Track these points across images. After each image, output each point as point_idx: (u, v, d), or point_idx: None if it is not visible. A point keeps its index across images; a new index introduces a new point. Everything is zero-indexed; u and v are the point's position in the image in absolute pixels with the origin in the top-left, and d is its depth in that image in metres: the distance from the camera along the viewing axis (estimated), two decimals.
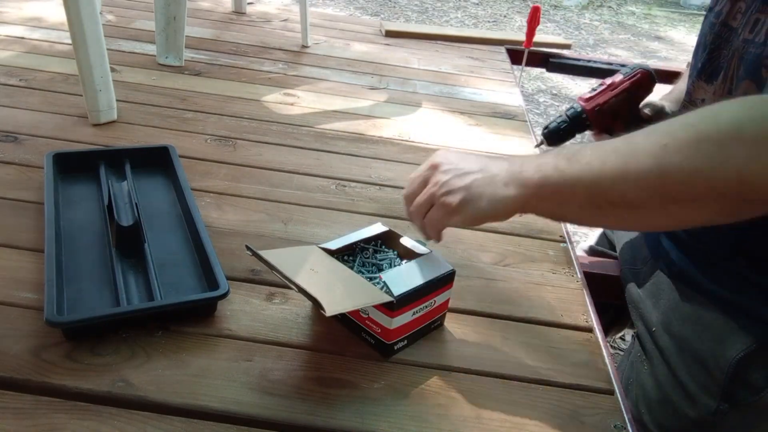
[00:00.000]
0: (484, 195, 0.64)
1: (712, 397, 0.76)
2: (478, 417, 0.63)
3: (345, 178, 1.07)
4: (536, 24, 1.65)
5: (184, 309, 0.69)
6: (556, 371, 0.70)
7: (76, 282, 0.72)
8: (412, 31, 2.07)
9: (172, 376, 0.62)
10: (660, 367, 0.82)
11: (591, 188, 0.59)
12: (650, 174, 0.55)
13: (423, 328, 0.71)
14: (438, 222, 0.67)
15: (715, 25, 0.80)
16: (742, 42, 0.74)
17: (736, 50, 0.75)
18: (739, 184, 0.52)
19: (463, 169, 0.65)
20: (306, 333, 0.71)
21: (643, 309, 0.88)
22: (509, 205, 0.64)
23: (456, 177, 0.65)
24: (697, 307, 0.79)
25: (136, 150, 0.99)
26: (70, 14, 1.05)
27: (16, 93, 1.23)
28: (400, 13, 4.90)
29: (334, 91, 1.48)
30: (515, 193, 0.63)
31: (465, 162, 0.66)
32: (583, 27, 5.18)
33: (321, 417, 0.60)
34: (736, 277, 0.76)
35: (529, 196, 0.63)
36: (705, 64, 0.82)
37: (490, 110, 1.48)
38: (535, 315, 0.79)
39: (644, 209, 0.58)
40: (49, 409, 0.57)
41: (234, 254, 0.82)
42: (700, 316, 0.79)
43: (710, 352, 0.76)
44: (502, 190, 0.63)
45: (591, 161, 0.59)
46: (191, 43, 1.62)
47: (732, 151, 0.52)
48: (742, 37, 0.74)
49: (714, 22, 0.81)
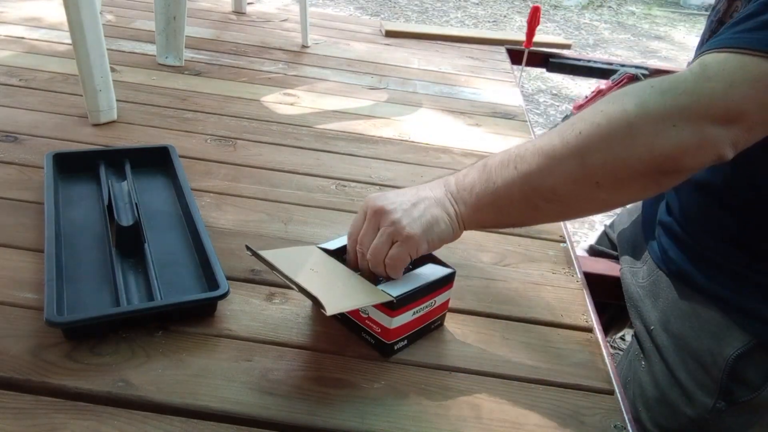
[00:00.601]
0: (439, 217, 0.65)
1: (710, 395, 0.76)
2: (477, 417, 0.63)
3: (345, 178, 1.07)
4: (536, 24, 1.65)
5: (184, 309, 0.69)
6: (556, 371, 0.70)
7: (76, 282, 0.72)
8: (412, 31, 2.07)
9: (172, 376, 0.62)
10: (658, 366, 0.83)
11: (524, 190, 0.62)
12: (572, 165, 0.59)
13: (423, 328, 0.71)
14: (403, 259, 0.65)
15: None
16: None
17: None
18: (652, 159, 0.56)
19: (406, 202, 0.66)
20: (306, 333, 0.71)
21: (642, 308, 0.88)
22: (460, 221, 0.66)
23: (406, 212, 0.65)
24: (695, 306, 0.80)
25: (136, 150, 0.99)
26: (70, 14, 1.05)
27: (16, 93, 1.23)
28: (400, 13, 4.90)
29: (334, 91, 1.48)
30: (461, 210, 0.66)
31: (403, 197, 0.66)
32: (583, 27, 5.18)
33: (321, 417, 0.60)
34: (733, 276, 0.77)
35: (471, 211, 0.65)
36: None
37: (490, 110, 1.48)
38: (535, 315, 0.79)
39: (576, 200, 0.62)
40: (49, 409, 0.57)
41: (234, 254, 0.82)
42: (698, 314, 0.79)
43: (708, 350, 0.77)
44: (450, 209, 0.66)
45: (518, 165, 0.62)
46: (191, 43, 1.62)
47: (640, 130, 0.56)
48: None
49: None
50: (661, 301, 0.85)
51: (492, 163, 0.65)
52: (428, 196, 0.66)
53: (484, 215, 0.66)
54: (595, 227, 2.21)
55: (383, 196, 0.67)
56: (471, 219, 0.66)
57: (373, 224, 0.66)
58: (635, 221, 1.01)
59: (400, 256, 0.65)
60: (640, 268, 0.92)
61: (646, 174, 0.58)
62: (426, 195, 0.67)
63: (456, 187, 0.67)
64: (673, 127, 0.56)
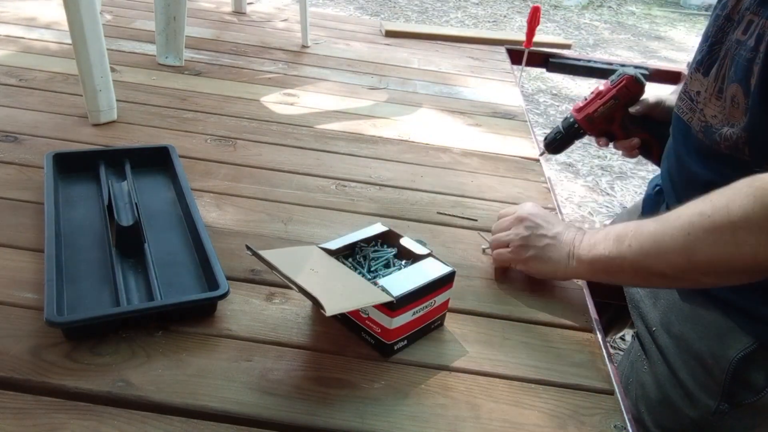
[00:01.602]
0: (551, 260, 0.77)
1: (713, 397, 0.76)
2: (477, 417, 0.63)
3: (345, 178, 1.07)
4: (536, 24, 1.65)
5: (184, 309, 0.69)
6: (556, 371, 0.70)
7: (76, 282, 0.72)
8: (412, 31, 2.07)
9: (172, 376, 0.62)
10: (660, 367, 0.82)
11: (635, 266, 0.69)
12: (680, 258, 0.65)
13: (423, 328, 0.71)
14: (504, 260, 0.83)
15: (719, 18, 0.80)
16: (735, 41, 0.74)
17: (729, 49, 0.75)
18: (756, 264, 0.60)
19: (541, 231, 0.79)
20: (306, 333, 0.71)
21: (643, 308, 0.88)
22: (567, 274, 0.77)
23: (534, 236, 0.78)
24: (696, 307, 0.79)
25: (136, 150, 0.99)
26: (70, 14, 1.05)
27: (15, 93, 1.23)
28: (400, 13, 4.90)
29: (334, 91, 1.48)
30: (574, 266, 0.75)
31: (545, 225, 0.79)
32: (583, 27, 5.18)
33: (321, 417, 0.60)
34: None
35: (584, 271, 0.75)
36: (704, 56, 0.81)
37: (490, 110, 1.48)
38: (535, 315, 0.79)
39: (683, 282, 0.71)
40: (49, 409, 0.57)
41: (234, 254, 0.82)
42: (700, 315, 0.79)
43: (710, 351, 0.76)
44: (565, 261, 0.76)
45: (632, 244, 0.69)
46: (191, 43, 1.62)
47: (744, 239, 0.60)
48: (736, 37, 0.74)
49: (719, 14, 0.80)
50: (662, 302, 0.85)
51: (612, 233, 0.72)
52: (558, 239, 0.77)
53: (596, 275, 0.75)
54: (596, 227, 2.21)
55: (533, 212, 0.81)
56: (582, 275, 0.77)
57: (511, 222, 0.82)
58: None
59: (504, 258, 0.82)
60: None
61: (748, 272, 0.62)
62: (558, 236, 0.77)
63: (579, 247, 0.75)
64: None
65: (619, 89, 1.03)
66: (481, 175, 1.15)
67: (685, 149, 0.83)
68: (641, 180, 2.68)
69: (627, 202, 2.46)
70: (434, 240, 0.92)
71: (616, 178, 2.64)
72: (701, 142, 0.78)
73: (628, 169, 2.76)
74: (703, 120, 0.78)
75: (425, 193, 1.06)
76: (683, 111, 0.84)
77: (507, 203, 1.06)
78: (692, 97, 0.83)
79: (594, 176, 2.63)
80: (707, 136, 0.77)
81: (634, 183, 2.65)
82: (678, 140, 0.86)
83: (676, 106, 0.87)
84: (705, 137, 0.77)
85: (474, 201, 1.05)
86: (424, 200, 1.04)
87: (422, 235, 0.92)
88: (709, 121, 0.77)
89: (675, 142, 0.87)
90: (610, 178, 2.63)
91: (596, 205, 2.40)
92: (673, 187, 0.87)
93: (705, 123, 0.78)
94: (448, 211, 1.01)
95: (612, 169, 2.71)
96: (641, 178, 2.71)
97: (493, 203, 1.05)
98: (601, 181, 2.59)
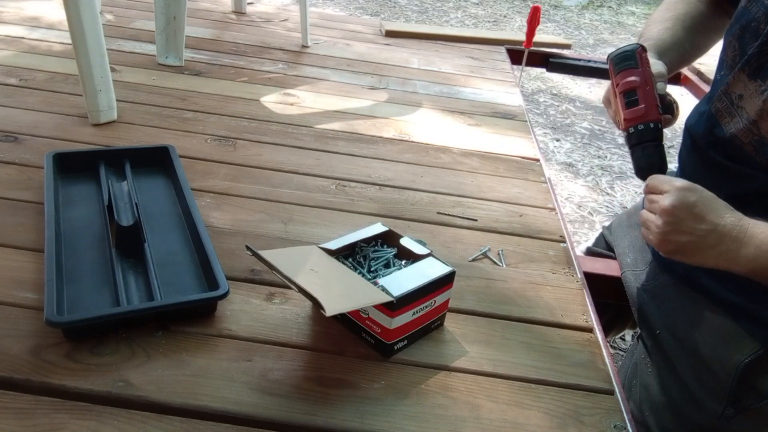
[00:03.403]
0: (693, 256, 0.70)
1: (718, 402, 0.75)
2: (477, 417, 0.63)
3: (345, 178, 1.07)
4: (536, 24, 1.65)
5: (184, 309, 0.69)
6: (556, 371, 0.70)
7: (76, 282, 0.72)
8: (412, 31, 2.07)
9: (172, 376, 0.62)
10: (665, 371, 0.82)
11: None
12: None
13: (423, 328, 0.71)
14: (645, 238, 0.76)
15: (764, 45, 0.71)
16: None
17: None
18: None
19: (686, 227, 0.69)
20: (306, 333, 0.71)
21: (647, 311, 0.87)
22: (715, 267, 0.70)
23: (675, 232, 0.70)
24: (702, 311, 0.78)
25: (136, 150, 0.99)
26: (70, 14, 1.05)
27: (15, 93, 1.23)
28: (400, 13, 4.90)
29: (334, 91, 1.48)
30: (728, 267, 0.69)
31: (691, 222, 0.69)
32: (583, 27, 5.18)
33: (321, 417, 0.60)
34: (741, 281, 0.74)
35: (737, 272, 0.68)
36: (753, 56, 0.72)
37: (490, 110, 1.48)
38: (535, 315, 0.79)
39: None
40: (49, 409, 0.57)
41: (234, 254, 0.82)
42: (706, 319, 0.78)
43: (716, 356, 0.75)
44: (713, 260, 0.69)
45: None
46: (191, 43, 1.62)
47: None
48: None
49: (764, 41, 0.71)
50: (667, 305, 0.84)
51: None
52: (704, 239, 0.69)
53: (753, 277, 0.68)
54: (596, 227, 2.22)
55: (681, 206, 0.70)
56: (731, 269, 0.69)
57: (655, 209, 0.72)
58: (636, 224, 0.99)
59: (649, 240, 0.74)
60: (642, 270, 0.91)
61: None
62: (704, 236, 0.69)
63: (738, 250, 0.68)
64: None
65: (643, 62, 0.80)
66: (481, 175, 1.15)
67: (714, 149, 0.78)
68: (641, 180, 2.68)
69: (627, 202, 2.46)
70: (434, 240, 0.92)
71: (616, 178, 2.64)
72: (743, 151, 0.74)
73: (628, 169, 2.76)
74: (757, 134, 0.72)
75: (425, 193, 1.06)
76: (720, 113, 0.78)
77: (507, 203, 1.06)
78: (732, 100, 0.76)
79: (594, 176, 2.63)
80: (759, 153, 0.72)
81: (634, 183, 2.65)
82: (704, 139, 0.80)
83: (712, 105, 0.80)
84: (756, 153, 0.73)
85: (474, 201, 1.05)
86: (424, 200, 1.04)
87: (422, 235, 0.92)
88: (765, 136, 0.71)
89: (699, 139, 0.81)
90: (610, 178, 2.63)
91: (596, 205, 2.40)
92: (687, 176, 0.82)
93: (759, 138, 0.72)
94: (448, 211, 1.01)
95: (612, 169, 2.71)
96: None
97: (493, 203, 1.05)
98: (601, 181, 2.59)
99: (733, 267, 0.68)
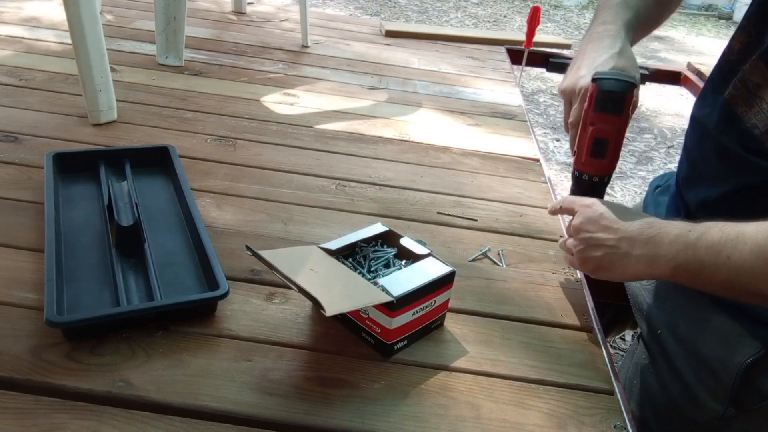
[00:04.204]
0: (614, 269, 0.70)
1: (720, 402, 0.75)
2: (477, 417, 0.63)
3: (345, 178, 1.07)
4: (536, 24, 1.65)
5: (184, 309, 0.69)
6: (556, 371, 0.70)
7: (76, 282, 0.72)
8: (412, 31, 2.07)
9: (172, 376, 0.62)
10: (666, 371, 0.81)
11: (730, 281, 0.61)
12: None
13: (423, 328, 0.71)
14: (575, 267, 0.79)
15: None
16: None
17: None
18: None
19: (597, 240, 0.71)
20: (306, 333, 0.71)
21: (648, 311, 0.87)
22: (639, 277, 0.70)
23: (589, 247, 0.71)
24: (703, 310, 0.78)
25: (136, 150, 0.99)
26: (70, 14, 1.05)
27: (15, 93, 1.23)
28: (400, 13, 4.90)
29: (334, 91, 1.48)
30: (650, 273, 0.68)
31: (601, 234, 0.70)
32: (583, 27, 5.18)
33: (321, 417, 0.60)
34: None
35: (660, 275, 0.67)
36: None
37: (490, 110, 1.48)
38: (535, 315, 0.79)
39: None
40: (49, 409, 0.57)
41: (234, 254, 0.82)
42: (707, 319, 0.77)
43: (717, 356, 0.75)
44: (633, 268, 0.68)
45: (732, 256, 0.60)
46: (191, 43, 1.62)
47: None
48: None
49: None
50: (668, 305, 0.83)
51: (706, 240, 0.63)
52: (618, 247, 0.69)
53: (675, 278, 0.67)
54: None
55: (591, 219, 0.72)
56: (653, 276, 0.69)
57: (573, 228, 0.74)
58: None
59: (573, 265, 0.78)
60: None
61: None
62: (617, 244, 0.69)
63: (658, 249, 0.66)
64: None
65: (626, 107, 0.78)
66: (481, 175, 1.15)
67: (728, 138, 0.75)
68: (641, 180, 2.68)
69: (627, 202, 2.46)
70: (434, 240, 0.92)
71: (616, 178, 2.64)
72: (759, 140, 0.71)
73: (628, 169, 2.76)
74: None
75: (425, 193, 1.06)
76: (736, 101, 0.74)
77: (507, 203, 1.06)
78: (750, 89, 0.72)
79: None
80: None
81: (634, 183, 2.65)
82: (719, 128, 0.77)
83: (727, 93, 0.76)
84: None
85: (474, 201, 1.05)
86: (424, 200, 1.04)
87: (422, 235, 0.92)
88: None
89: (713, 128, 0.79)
90: None
91: None
92: (695, 165, 0.81)
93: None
94: (448, 211, 1.01)
95: None
96: (641, 178, 2.71)
97: (493, 203, 1.05)
98: None
99: (656, 271, 0.67)
